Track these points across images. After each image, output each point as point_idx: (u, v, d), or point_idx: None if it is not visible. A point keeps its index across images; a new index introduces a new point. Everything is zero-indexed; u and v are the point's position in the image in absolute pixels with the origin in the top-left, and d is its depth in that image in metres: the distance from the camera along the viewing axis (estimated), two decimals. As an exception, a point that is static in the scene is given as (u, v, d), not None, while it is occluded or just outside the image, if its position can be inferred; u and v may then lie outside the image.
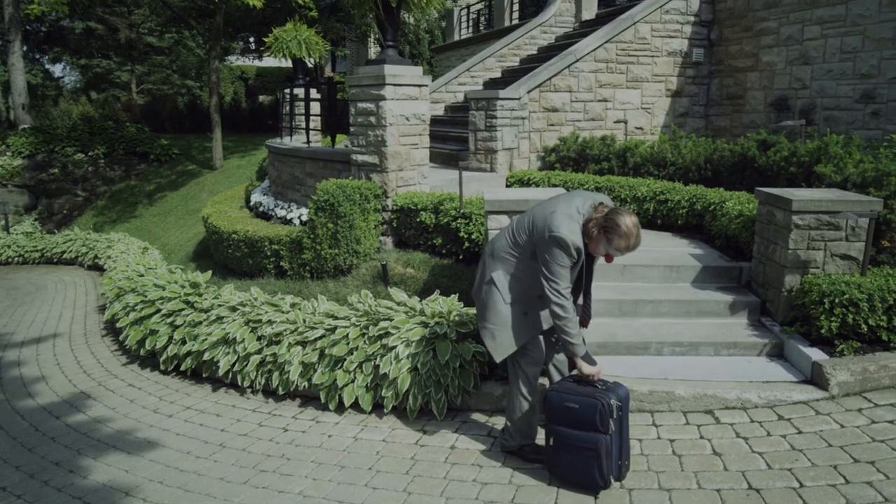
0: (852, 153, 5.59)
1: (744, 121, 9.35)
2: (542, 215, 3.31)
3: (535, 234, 3.30)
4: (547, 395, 3.32)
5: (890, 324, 4.11)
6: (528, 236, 3.36)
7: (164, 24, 21.14)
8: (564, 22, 13.17)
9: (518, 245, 3.42)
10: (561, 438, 3.26)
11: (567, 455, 3.27)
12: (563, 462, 3.30)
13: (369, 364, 4.44)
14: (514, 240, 3.44)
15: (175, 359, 5.65)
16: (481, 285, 3.57)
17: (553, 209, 3.29)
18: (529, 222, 3.38)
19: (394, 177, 6.62)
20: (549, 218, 3.24)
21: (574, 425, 3.21)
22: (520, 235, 3.41)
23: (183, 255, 10.99)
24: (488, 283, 3.50)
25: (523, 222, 3.43)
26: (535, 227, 3.32)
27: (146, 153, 18.04)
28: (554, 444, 3.30)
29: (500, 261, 3.48)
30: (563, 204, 3.32)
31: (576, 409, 3.20)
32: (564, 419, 3.24)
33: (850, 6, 7.75)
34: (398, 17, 6.62)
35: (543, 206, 3.42)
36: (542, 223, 3.26)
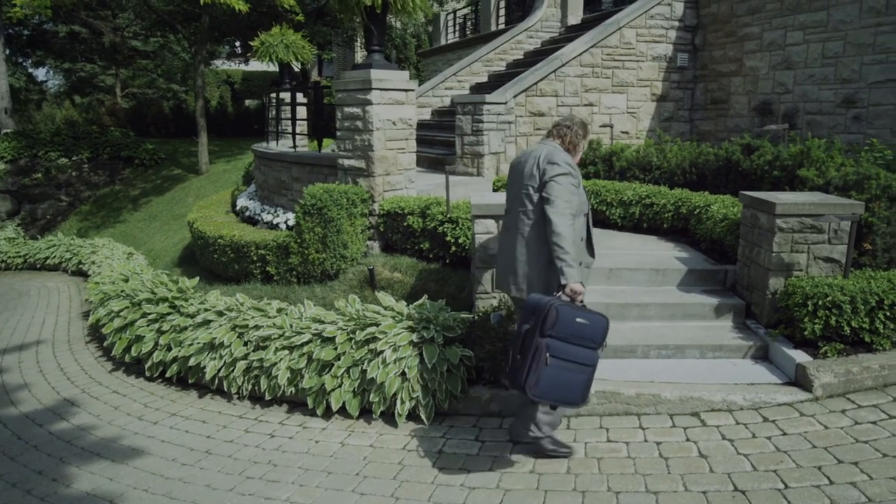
0: (834, 157, 5.65)
1: (728, 125, 9.43)
2: (530, 165, 3.54)
3: (541, 176, 3.48)
4: (557, 308, 3.17)
5: (872, 325, 4.15)
6: (535, 186, 3.50)
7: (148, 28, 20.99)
8: (550, 27, 13.24)
9: (531, 205, 3.53)
10: (558, 353, 3.17)
11: (557, 371, 3.17)
12: (550, 377, 3.16)
13: (356, 369, 4.43)
14: (525, 205, 3.55)
15: (161, 365, 5.60)
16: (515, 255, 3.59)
17: (538, 153, 3.56)
18: (528, 183, 3.52)
19: (381, 181, 6.62)
20: (545, 156, 3.51)
21: (576, 342, 3.20)
22: (526, 197, 3.54)
23: (168, 260, 10.90)
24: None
25: (523, 190, 3.56)
26: (535, 175, 3.51)
27: (131, 158, 17.90)
28: (542, 358, 3.15)
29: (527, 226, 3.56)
30: (537, 150, 3.61)
31: (586, 325, 3.21)
32: (568, 335, 3.19)
33: (831, 12, 7.85)
34: (384, 21, 6.63)
35: (519, 168, 3.63)
36: (545, 159, 3.49)
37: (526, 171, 3.57)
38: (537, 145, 3.71)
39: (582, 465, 3.54)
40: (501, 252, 3.77)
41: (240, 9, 12.77)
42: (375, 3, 6.15)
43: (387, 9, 6.39)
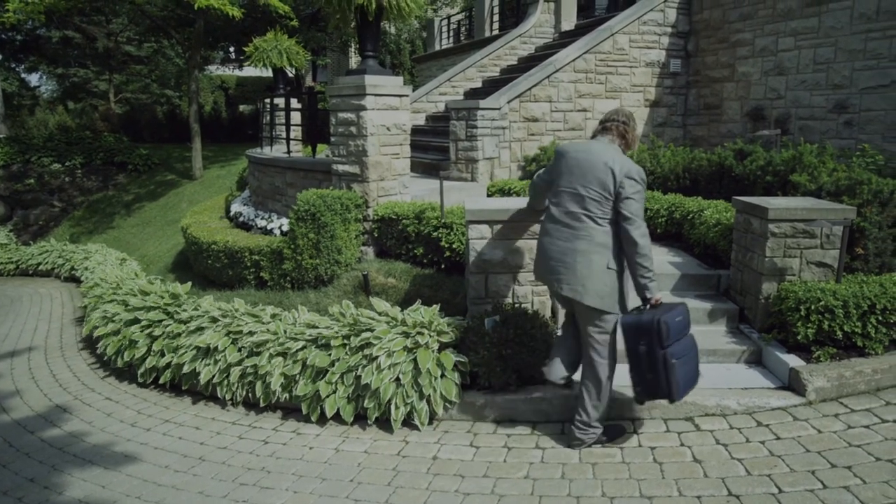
0: (826, 162, 5.69)
1: (721, 130, 9.48)
2: (604, 170, 3.48)
3: (616, 187, 3.46)
4: (664, 321, 3.37)
5: (864, 330, 4.17)
6: (607, 195, 3.49)
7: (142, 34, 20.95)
8: (544, 32, 13.28)
9: (600, 212, 3.53)
10: (677, 355, 3.43)
11: (682, 368, 3.45)
12: (682, 377, 3.45)
13: (350, 375, 4.42)
14: (590, 209, 3.54)
15: (154, 371, 5.58)
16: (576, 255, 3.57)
17: (597, 165, 3.51)
18: (600, 190, 3.49)
19: (375, 186, 6.62)
20: (617, 166, 3.47)
21: (679, 338, 3.49)
22: (594, 203, 3.52)
23: (162, 265, 10.87)
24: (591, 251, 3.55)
25: (592, 192, 3.52)
26: (607, 184, 3.48)
27: (124, 163, 17.86)
28: (671, 366, 3.39)
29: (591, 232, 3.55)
30: (605, 152, 3.58)
31: (682, 319, 3.52)
32: (678, 336, 3.47)
33: (822, 19, 7.91)
34: (378, 27, 6.63)
35: (589, 167, 3.55)
36: (620, 170, 3.46)
37: (598, 177, 3.51)
38: (598, 141, 3.72)
39: (576, 470, 3.54)
40: (554, 251, 3.66)
41: (234, 14, 12.79)
42: (369, 8, 6.16)
43: (381, 14, 6.41)
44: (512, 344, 4.20)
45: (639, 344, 3.45)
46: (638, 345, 3.46)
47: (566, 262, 3.59)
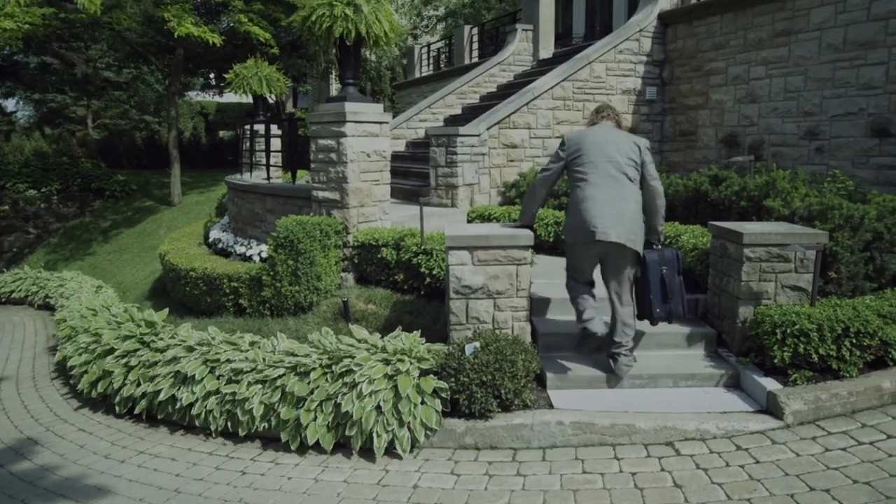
0: (798, 188, 5.81)
1: (696, 156, 9.65)
2: (632, 146, 4.39)
3: (641, 155, 4.39)
4: (677, 253, 4.55)
5: (839, 353, 4.23)
6: (637, 162, 4.37)
7: (122, 60, 20.93)
8: (522, 60, 13.49)
9: (634, 175, 4.38)
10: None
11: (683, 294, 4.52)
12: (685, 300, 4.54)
13: (330, 403, 4.37)
14: (627, 172, 4.34)
15: (129, 401, 5.48)
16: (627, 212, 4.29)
17: (621, 139, 4.43)
18: (631, 160, 4.36)
19: (355, 213, 6.62)
20: (635, 140, 4.46)
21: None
22: (629, 167, 4.34)
23: (139, 293, 10.73)
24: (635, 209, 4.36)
25: (628, 167, 4.34)
26: (637, 159, 4.37)
27: (102, 189, 17.70)
28: (683, 288, 4.51)
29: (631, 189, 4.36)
30: (621, 133, 4.55)
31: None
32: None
33: (791, 48, 8.14)
34: (358, 55, 6.70)
35: (618, 145, 4.39)
36: (637, 144, 4.41)
37: (628, 151, 4.37)
38: (606, 126, 4.58)
39: (558, 497, 3.52)
40: (602, 208, 4.23)
41: (214, 42, 12.84)
42: (348, 37, 6.23)
43: (360, 43, 6.48)
44: (492, 370, 4.19)
45: (661, 271, 4.43)
46: (660, 272, 4.43)
47: (617, 214, 4.22)
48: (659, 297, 4.43)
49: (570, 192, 4.47)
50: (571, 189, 4.46)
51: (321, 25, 6.20)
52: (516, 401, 4.26)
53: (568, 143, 4.52)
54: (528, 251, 4.71)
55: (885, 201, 5.39)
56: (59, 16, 14.30)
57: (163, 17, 12.99)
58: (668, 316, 4.49)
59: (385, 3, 6.48)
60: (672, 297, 4.43)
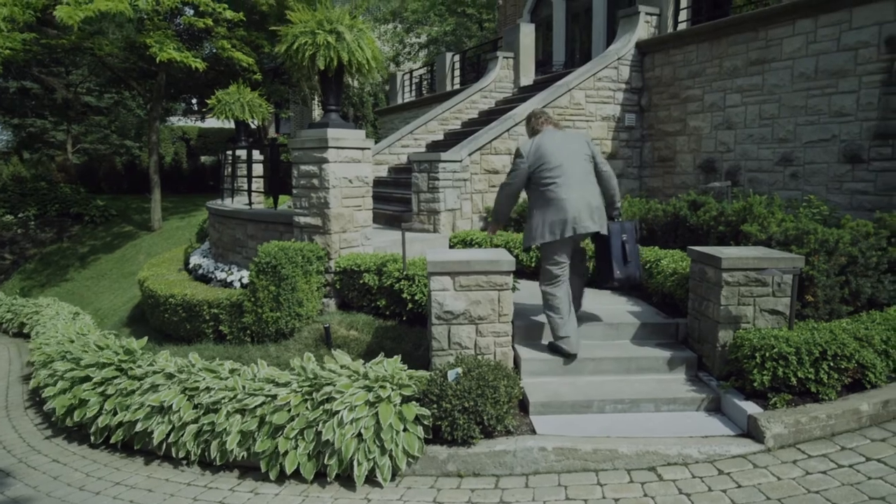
0: (775, 213, 5.91)
1: (675, 182, 9.79)
2: (582, 144, 5.02)
3: (591, 149, 5.06)
4: (635, 224, 5.28)
5: (817, 376, 4.27)
6: (589, 156, 5.03)
7: (103, 85, 20.90)
8: (504, 87, 13.67)
9: (591, 168, 5.04)
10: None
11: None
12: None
13: (311, 431, 4.32)
14: (586, 167, 4.99)
15: (105, 430, 5.37)
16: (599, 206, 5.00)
17: (573, 140, 5.04)
18: (586, 155, 5.00)
19: (337, 238, 6.61)
20: (581, 137, 5.12)
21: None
22: (587, 162, 4.99)
23: (117, 320, 10.59)
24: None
25: (586, 163, 4.98)
26: (589, 153, 5.03)
27: (80, 214, 17.53)
28: (637, 257, 5.23)
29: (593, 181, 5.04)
30: (571, 134, 5.17)
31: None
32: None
33: (765, 77, 8.33)
34: (340, 82, 6.75)
35: (571, 146, 4.97)
36: (585, 141, 5.07)
37: (581, 149, 4.99)
38: (555, 131, 5.12)
39: (541, 524, 3.50)
40: (575, 205, 4.81)
41: (197, 67, 12.87)
42: (330, 66, 6.28)
43: (342, 71, 6.53)
44: (475, 396, 4.18)
45: (621, 238, 5.08)
46: (621, 239, 5.08)
47: (586, 209, 4.83)
48: (620, 261, 5.06)
49: (539, 196, 4.92)
50: (539, 193, 4.92)
51: (304, 54, 6.24)
52: (499, 427, 4.24)
53: (528, 155, 4.94)
54: (510, 277, 4.73)
55: (858, 226, 5.50)
56: (41, 41, 14.27)
57: (145, 43, 13.01)
58: (626, 279, 5.12)
59: (367, 32, 6.55)
60: (629, 260, 5.08)
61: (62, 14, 10.72)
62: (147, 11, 12.03)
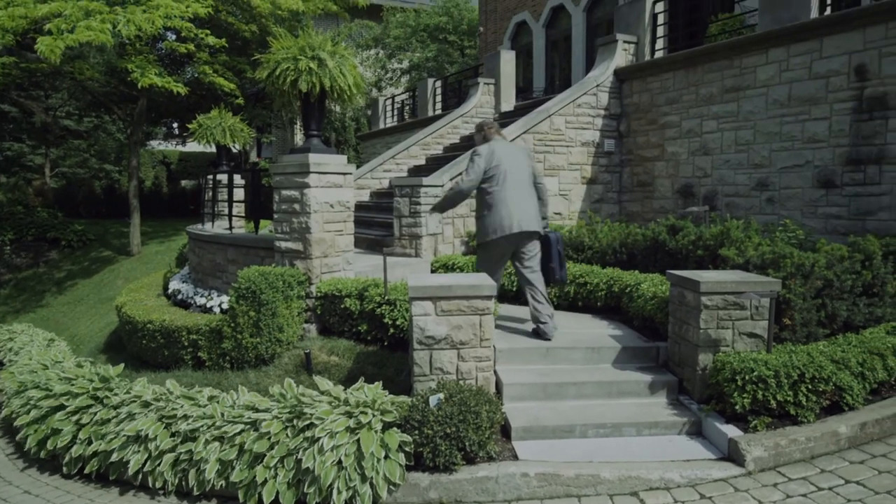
0: (752, 237, 6.00)
1: (654, 206, 9.91)
2: (527, 158, 5.83)
3: (533, 167, 5.83)
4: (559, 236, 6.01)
5: (796, 399, 4.31)
6: (531, 169, 5.80)
7: (83, 109, 20.77)
8: (485, 113, 13.81)
9: (532, 179, 5.80)
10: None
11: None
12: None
13: (291, 458, 4.26)
14: (529, 178, 5.75)
15: (80, 460, 5.24)
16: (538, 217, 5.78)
17: (519, 152, 5.83)
18: (529, 167, 5.79)
19: (318, 263, 6.59)
20: (526, 151, 5.93)
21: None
22: (530, 174, 5.77)
23: (93, 346, 10.41)
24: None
25: (529, 173, 5.76)
26: (531, 167, 5.82)
27: (57, 239, 17.30)
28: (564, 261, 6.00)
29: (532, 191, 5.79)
30: (517, 147, 5.99)
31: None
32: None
33: (740, 104, 8.51)
34: (322, 108, 6.78)
35: (518, 157, 5.75)
36: (528, 156, 5.88)
37: (526, 162, 5.78)
38: (503, 141, 5.89)
39: (524, 552, 3.46)
40: (520, 206, 5.56)
41: (179, 91, 12.86)
42: (313, 91, 6.31)
43: (324, 96, 6.56)
44: (456, 421, 4.15)
45: (558, 247, 5.87)
46: (559, 248, 5.87)
47: (529, 211, 5.60)
48: (558, 265, 5.83)
49: (489, 196, 5.60)
50: (488, 194, 5.60)
51: (286, 79, 6.27)
52: (481, 453, 4.21)
53: (486, 158, 5.62)
54: (492, 301, 4.74)
55: (833, 250, 5.60)
56: (20, 65, 14.19)
57: (126, 68, 13.00)
58: (562, 279, 5.95)
59: (349, 58, 6.61)
60: (563, 265, 5.91)
61: (43, 48, 10.67)
62: (129, 37, 12.01)
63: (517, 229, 5.50)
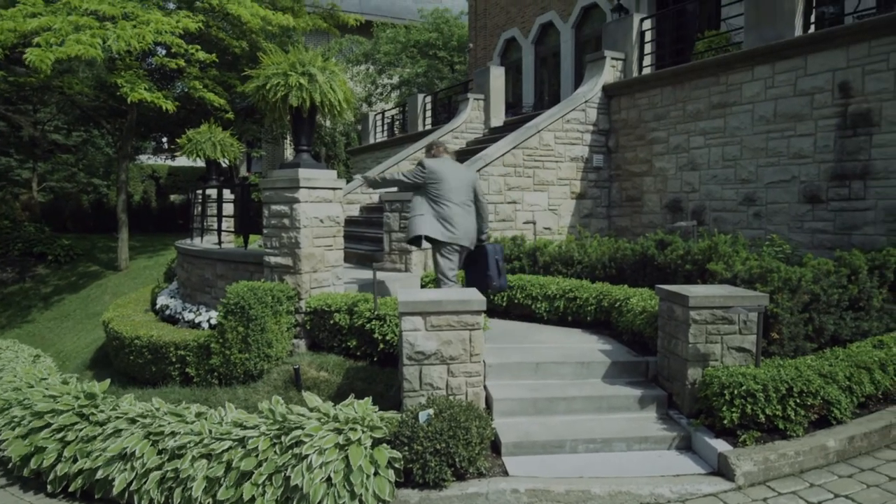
0: (739, 252, 6.04)
1: (643, 221, 9.97)
2: (471, 177, 6.37)
3: (475, 185, 6.35)
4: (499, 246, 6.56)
5: (785, 413, 4.33)
6: (474, 190, 6.32)
7: (71, 123, 20.69)
8: (475, 128, 13.88)
9: (472, 199, 6.33)
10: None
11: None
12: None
13: (279, 476, 4.22)
14: (470, 197, 6.28)
15: (64, 478, 5.17)
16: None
17: (464, 172, 6.35)
18: (471, 187, 6.30)
19: (307, 278, 6.57)
20: (471, 173, 6.47)
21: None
22: (471, 193, 6.28)
23: (80, 362, 10.31)
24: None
25: (470, 191, 6.27)
26: (473, 186, 6.32)
27: (44, 254, 17.16)
28: (503, 270, 6.45)
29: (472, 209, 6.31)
30: (463, 167, 6.53)
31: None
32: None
33: (727, 120, 8.61)
34: (313, 123, 6.80)
35: (462, 175, 6.27)
36: (472, 177, 6.41)
37: (470, 182, 6.28)
38: (450, 160, 6.37)
39: (514, 569, 3.44)
40: (461, 222, 6.12)
41: (167, 108, 12.85)
42: (303, 107, 6.33)
43: (314, 111, 6.58)
44: (446, 437, 4.13)
45: (497, 257, 6.31)
46: (497, 258, 6.32)
47: (467, 228, 6.17)
48: (495, 273, 6.30)
49: (427, 204, 6.09)
50: (428, 202, 6.10)
51: (276, 94, 6.29)
52: (471, 469, 4.19)
53: (429, 170, 6.10)
54: (481, 316, 4.74)
55: (819, 264, 5.65)
56: (9, 79, 14.15)
57: (116, 83, 12.98)
58: (500, 287, 6.38)
59: (339, 73, 6.64)
60: (501, 274, 6.34)
61: (33, 58, 10.66)
62: (119, 52, 12.01)
63: (455, 241, 6.11)
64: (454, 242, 6.09)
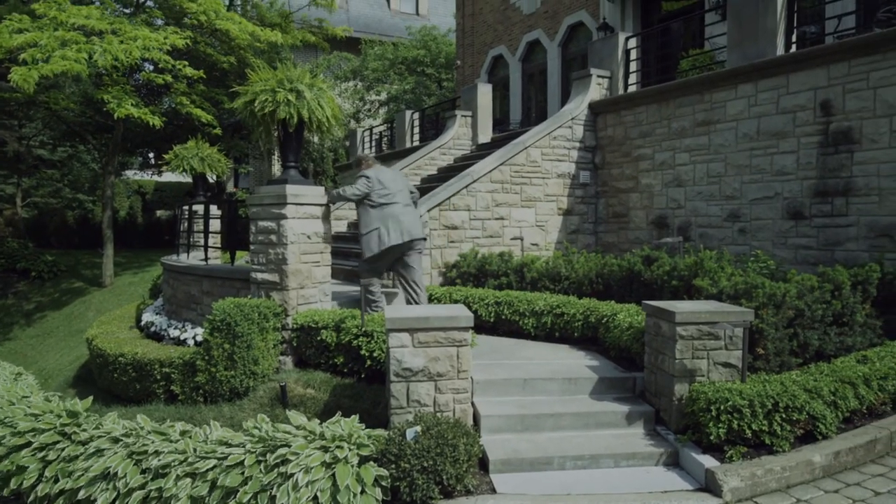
0: (724, 267, 6.09)
1: (629, 237, 10.04)
2: (405, 180, 7.00)
3: (410, 188, 7.04)
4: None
5: (771, 428, 4.34)
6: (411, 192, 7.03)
7: (57, 138, 20.56)
8: (462, 144, 13.95)
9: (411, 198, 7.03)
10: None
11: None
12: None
13: (265, 495, 4.17)
14: (409, 196, 6.94)
15: (45, 499, 5.07)
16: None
17: (400, 176, 7.04)
18: (408, 188, 6.98)
19: (294, 295, 6.54)
20: (402, 175, 7.18)
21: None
22: (409, 193, 6.96)
23: (62, 380, 10.16)
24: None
25: (408, 190, 6.95)
26: (409, 184, 7.02)
27: (27, 270, 16.98)
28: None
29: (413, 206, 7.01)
30: (397, 172, 7.18)
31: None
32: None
33: (711, 137, 8.71)
34: (300, 139, 6.81)
35: (399, 179, 6.92)
36: (406, 177, 7.12)
37: (404, 182, 6.92)
38: (382, 168, 6.93)
39: (502, 588, 3.41)
40: (408, 217, 6.70)
41: (154, 123, 12.81)
42: (290, 122, 6.34)
43: (302, 127, 6.59)
44: (434, 455, 4.11)
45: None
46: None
47: (415, 223, 6.73)
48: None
49: (377, 211, 6.55)
50: (374, 209, 6.55)
51: (264, 110, 6.30)
52: (458, 486, 4.17)
53: (373, 180, 6.61)
54: (469, 332, 4.74)
55: (803, 280, 5.70)
56: (-7, 95, 14.07)
57: (102, 99, 12.94)
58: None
59: (327, 91, 6.66)
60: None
61: (17, 78, 10.62)
62: (106, 68, 11.98)
63: (408, 237, 6.61)
64: (412, 239, 6.66)
